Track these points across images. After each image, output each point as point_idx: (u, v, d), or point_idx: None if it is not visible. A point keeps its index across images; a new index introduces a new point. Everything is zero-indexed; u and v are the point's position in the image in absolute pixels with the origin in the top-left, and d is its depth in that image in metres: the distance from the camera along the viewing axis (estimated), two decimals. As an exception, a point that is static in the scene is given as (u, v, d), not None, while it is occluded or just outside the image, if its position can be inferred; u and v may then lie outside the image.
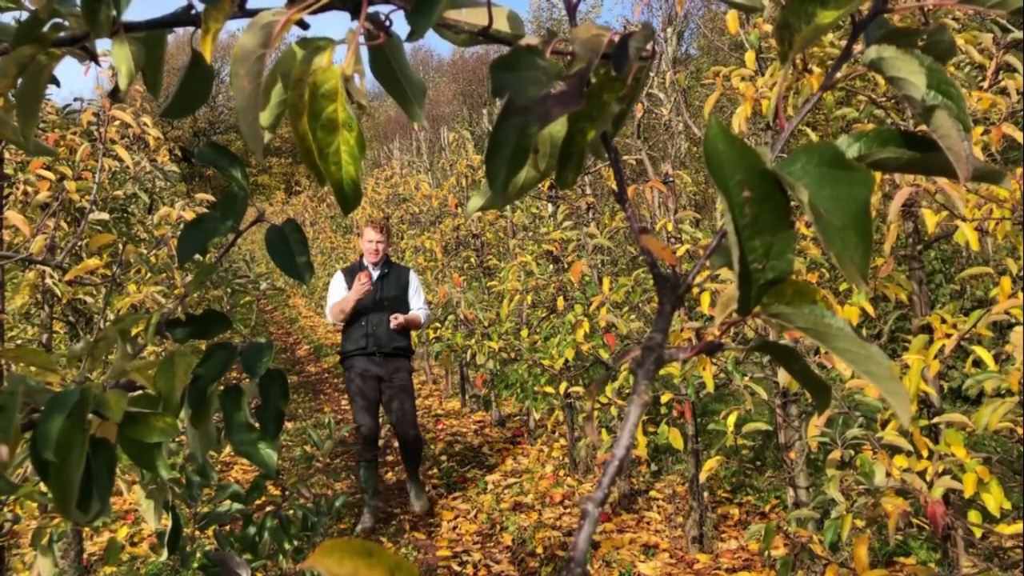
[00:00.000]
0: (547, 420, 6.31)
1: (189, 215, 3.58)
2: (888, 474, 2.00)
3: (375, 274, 4.72)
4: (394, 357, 4.67)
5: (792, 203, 0.45)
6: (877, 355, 0.44)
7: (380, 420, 4.80)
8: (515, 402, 4.82)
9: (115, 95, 0.61)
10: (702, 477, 3.05)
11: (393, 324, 4.61)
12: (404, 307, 4.74)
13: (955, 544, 2.50)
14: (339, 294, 4.70)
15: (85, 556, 3.70)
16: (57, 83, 0.75)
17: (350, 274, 4.74)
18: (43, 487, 1.47)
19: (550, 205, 5.37)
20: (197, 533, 1.82)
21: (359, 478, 4.71)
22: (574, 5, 0.56)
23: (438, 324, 5.90)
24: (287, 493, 2.01)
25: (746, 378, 2.97)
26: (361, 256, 4.82)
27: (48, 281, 3.12)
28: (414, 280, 4.83)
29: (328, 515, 1.99)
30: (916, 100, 0.48)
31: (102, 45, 0.63)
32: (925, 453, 2.04)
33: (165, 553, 1.50)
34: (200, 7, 0.57)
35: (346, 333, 4.70)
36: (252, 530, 1.85)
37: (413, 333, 4.98)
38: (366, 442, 4.65)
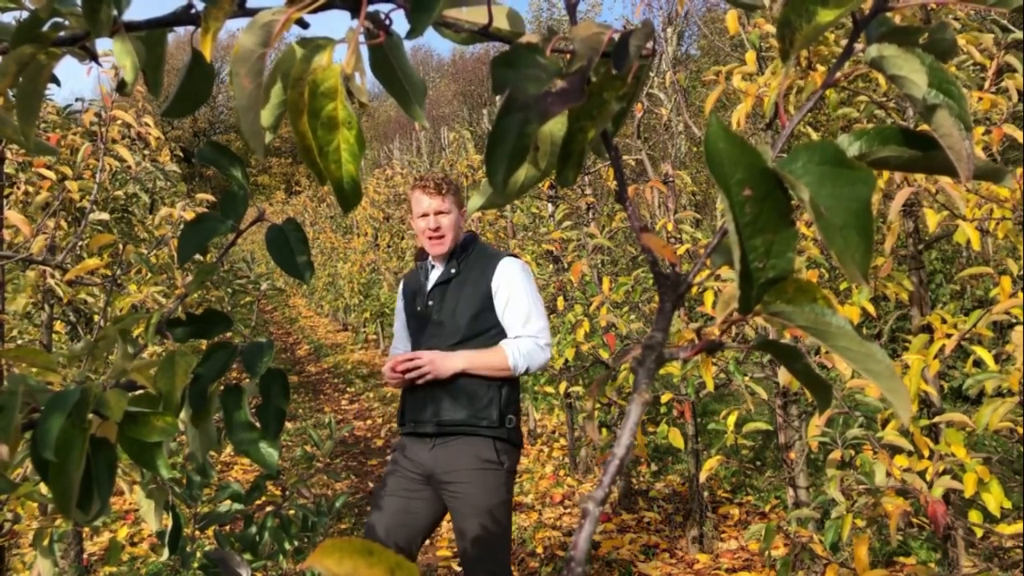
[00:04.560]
0: (547, 420, 6.31)
1: (189, 215, 3.59)
2: (888, 474, 2.00)
3: (432, 278, 2.57)
4: (455, 437, 2.41)
5: (793, 202, 0.45)
6: (877, 353, 0.44)
7: (414, 548, 2.47)
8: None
9: (122, 89, 0.62)
10: (702, 477, 3.05)
11: (425, 377, 2.39)
12: (491, 335, 2.47)
13: (955, 544, 2.50)
14: (401, 328, 2.68)
15: (85, 556, 3.70)
16: (57, 82, 0.75)
17: (409, 287, 2.68)
18: (43, 487, 1.47)
19: (550, 205, 5.37)
20: (197, 533, 1.82)
21: None
22: (574, 4, 0.56)
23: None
24: (287, 493, 2.02)
25: (746, 378, 2.98)
26: (422, 251, 2.66)
27: (49, 281, 3.12)
28: (508, 277, 2.47)
29: (328, 515, 1.99)
30: (917, 99, 0.47)
31: (102, 45, 0.63)
32: (926, 453, 2.04)
33: (165, 553, 1.51)
34: (200, 6, 0.57)
35: (406, 389, 2.53)
36: (252, 530, 1.85)
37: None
38: None
